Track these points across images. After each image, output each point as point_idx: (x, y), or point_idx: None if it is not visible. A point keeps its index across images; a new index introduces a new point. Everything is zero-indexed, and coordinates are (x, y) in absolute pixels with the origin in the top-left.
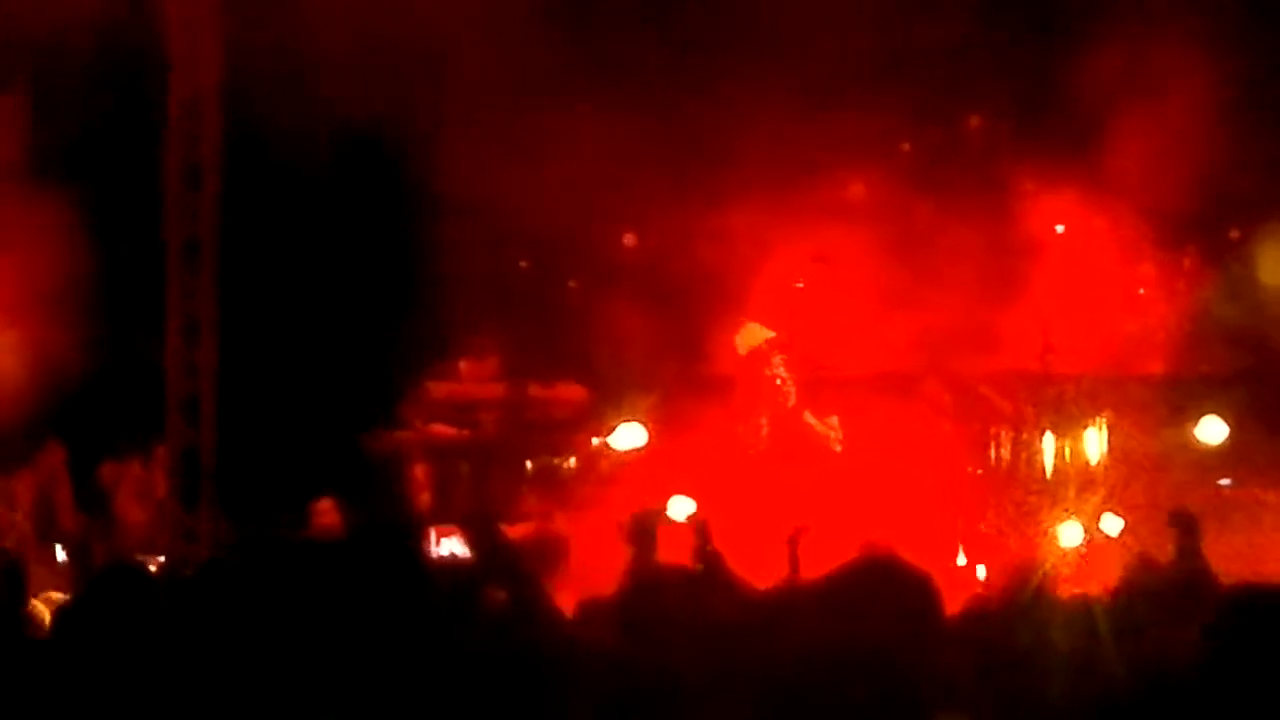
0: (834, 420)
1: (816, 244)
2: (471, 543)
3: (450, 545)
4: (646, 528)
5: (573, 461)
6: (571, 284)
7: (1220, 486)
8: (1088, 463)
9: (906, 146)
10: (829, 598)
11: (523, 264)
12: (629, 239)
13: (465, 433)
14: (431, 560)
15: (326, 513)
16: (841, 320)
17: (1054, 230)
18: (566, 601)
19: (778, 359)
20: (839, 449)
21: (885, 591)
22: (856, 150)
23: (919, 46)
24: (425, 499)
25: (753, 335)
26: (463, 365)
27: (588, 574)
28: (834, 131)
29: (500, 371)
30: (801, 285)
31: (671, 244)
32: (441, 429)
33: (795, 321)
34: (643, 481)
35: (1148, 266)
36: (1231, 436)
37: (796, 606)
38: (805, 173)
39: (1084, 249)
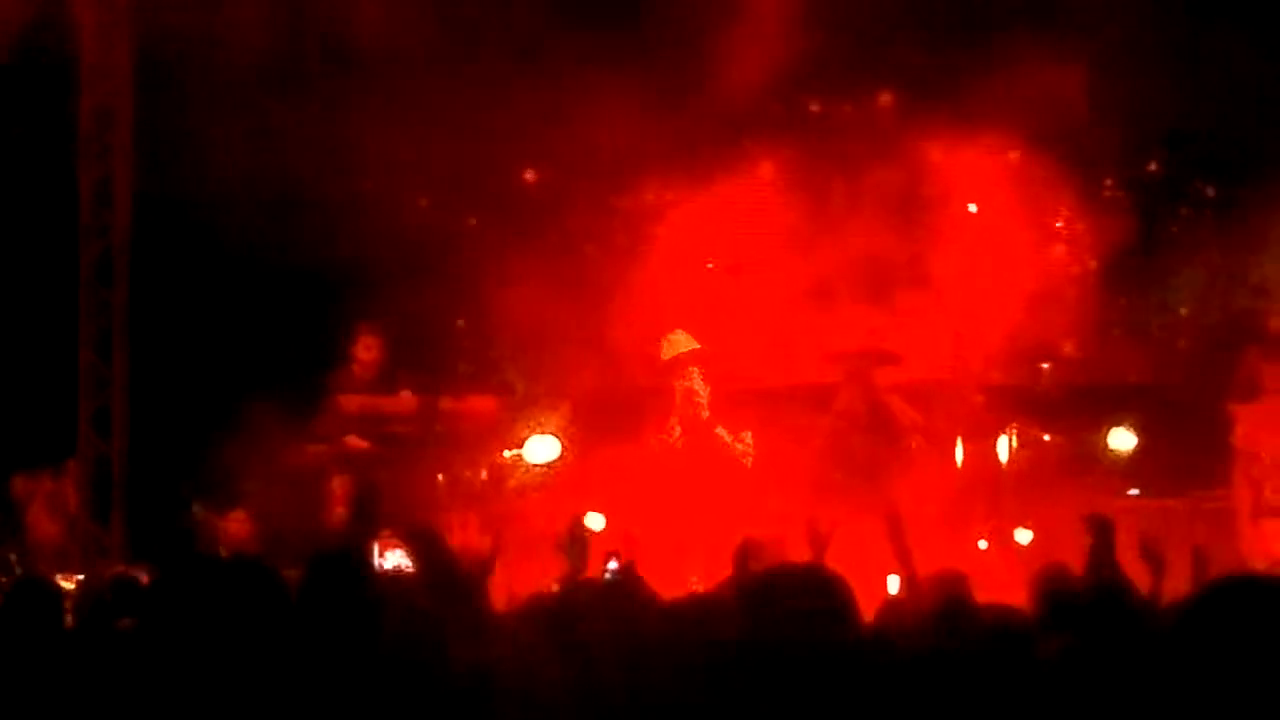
0: (747, 436)
1: (726, 246)
2: (415, 555)
3: (394, 558)
4: (579, 538)
5: (485, 474)
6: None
7: (1129, 496)
8: (999, 472)
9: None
10: (743, 605)
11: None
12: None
13: (378, 446)
14: (378, 574)
15: (239, 524)
16: (756, 330)
17: (965, 240)
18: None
19: (694, 370)
20: (749, 464)
21: (799, 598)
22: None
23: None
24: (341, 513)
25: (677, 344)
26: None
27: (508, 586)
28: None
29: (411, 384)
30: (711, 265)
31: (580, 245)
32: (355, 442)
33: (710, 330)
34: (556, 493)
35: (1056, 275)
36: (1139, 446)
37: (710, 615)
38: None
39: (994, 258)
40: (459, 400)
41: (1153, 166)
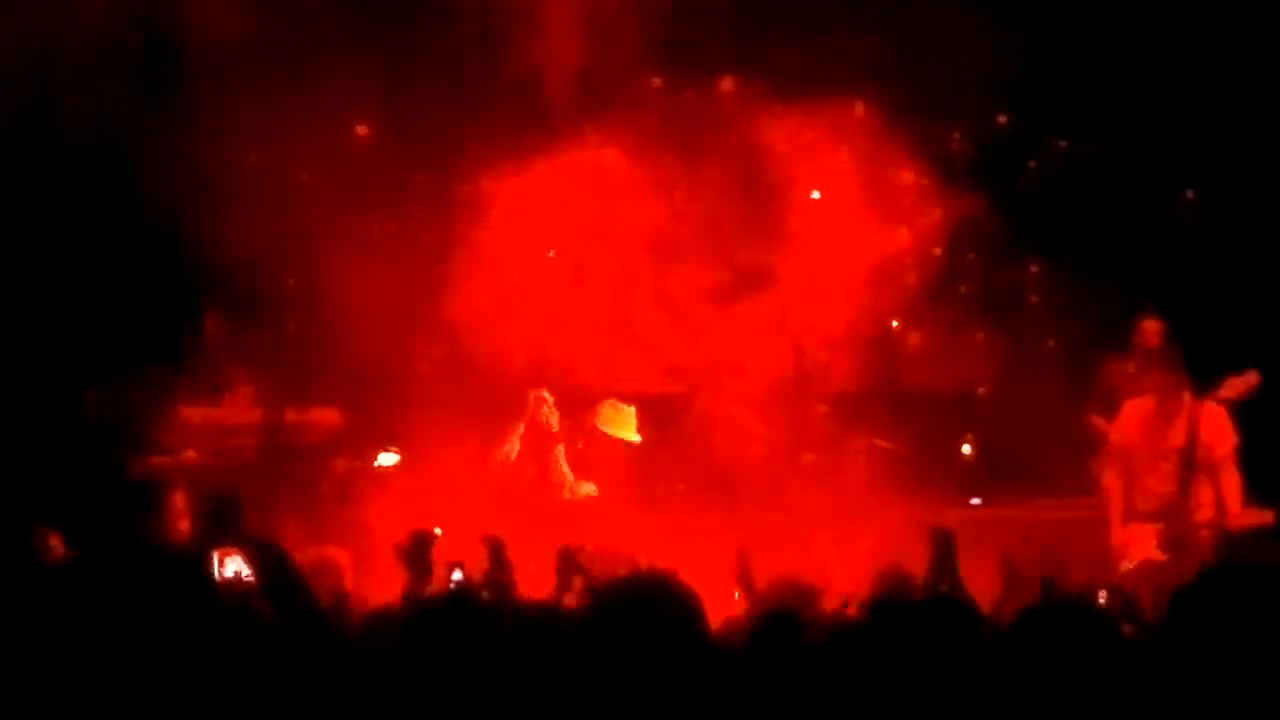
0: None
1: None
2: (256, 564)
3: (233, 565)
4: (421, 550)
5: (329, 486)
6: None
7: (972, 506)
8: (843, 482)
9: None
10: (594, 618)
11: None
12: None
13: (222, 458)
14: (217, 582)
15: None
16: (600, 335)
17: (809, 236)
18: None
19: (546, 396)
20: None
21: (650, 611)
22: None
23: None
24: (184, 526)
25: (613, 423)
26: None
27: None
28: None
29: (255, 396)
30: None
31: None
32: (198, 454)
33: (557, 343)
34: (399, 505)
35: (901, 265)
36: (985, 455)
37: (562, 627)
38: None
39: (838, 254)
40: (303, 412)
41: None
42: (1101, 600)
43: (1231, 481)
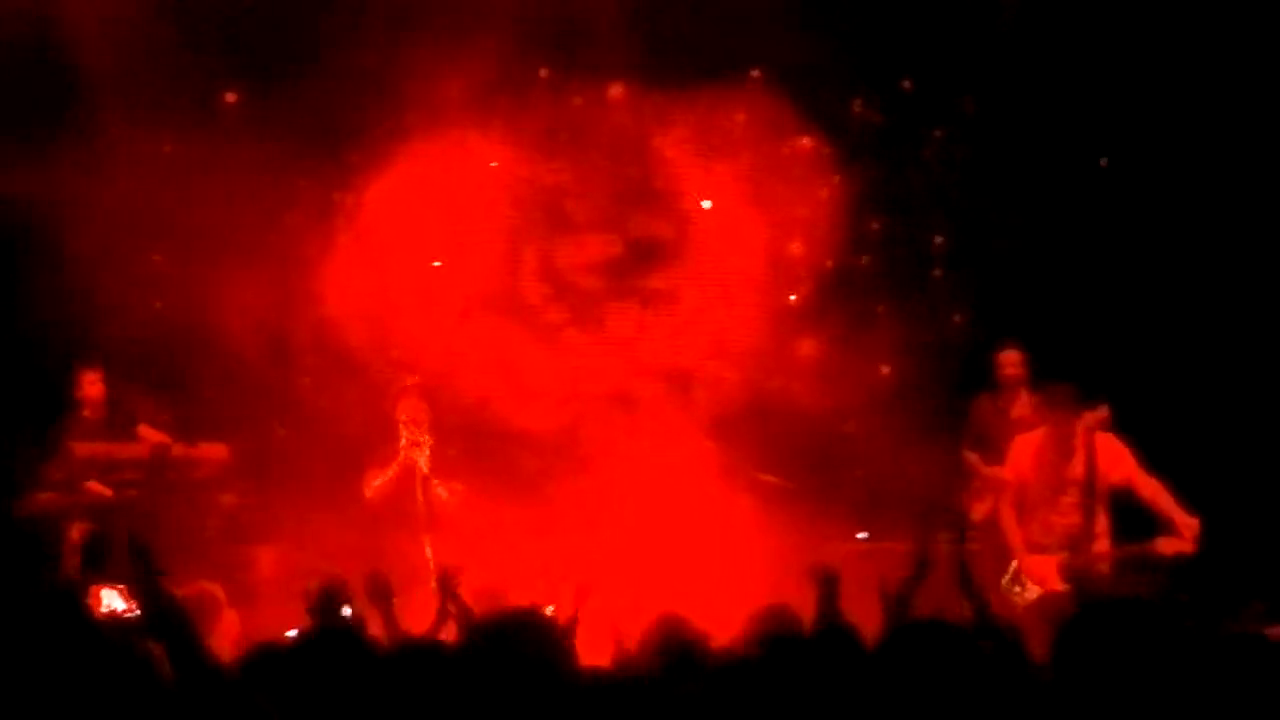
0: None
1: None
2: (136, 598)
3: (110, 600)
4: (332, 598)
5: (216, 521)
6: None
7: (858, 540)
8: (730, 517)
9: None
10: (468, 651)
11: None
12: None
13: (111, 493)
14: (96, 617)
15: None
16: (484, 364)
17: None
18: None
19: (418, 423)
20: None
21: (518, 646)
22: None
23: None
24: (78, 562)
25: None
26: (86, 413)
27: (239, 634)
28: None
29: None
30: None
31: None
32: (94, 487)
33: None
34: (289, 541)
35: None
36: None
37: (436, 662)
38: None
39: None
40: (192, 447)
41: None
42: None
43: (1159, 494)
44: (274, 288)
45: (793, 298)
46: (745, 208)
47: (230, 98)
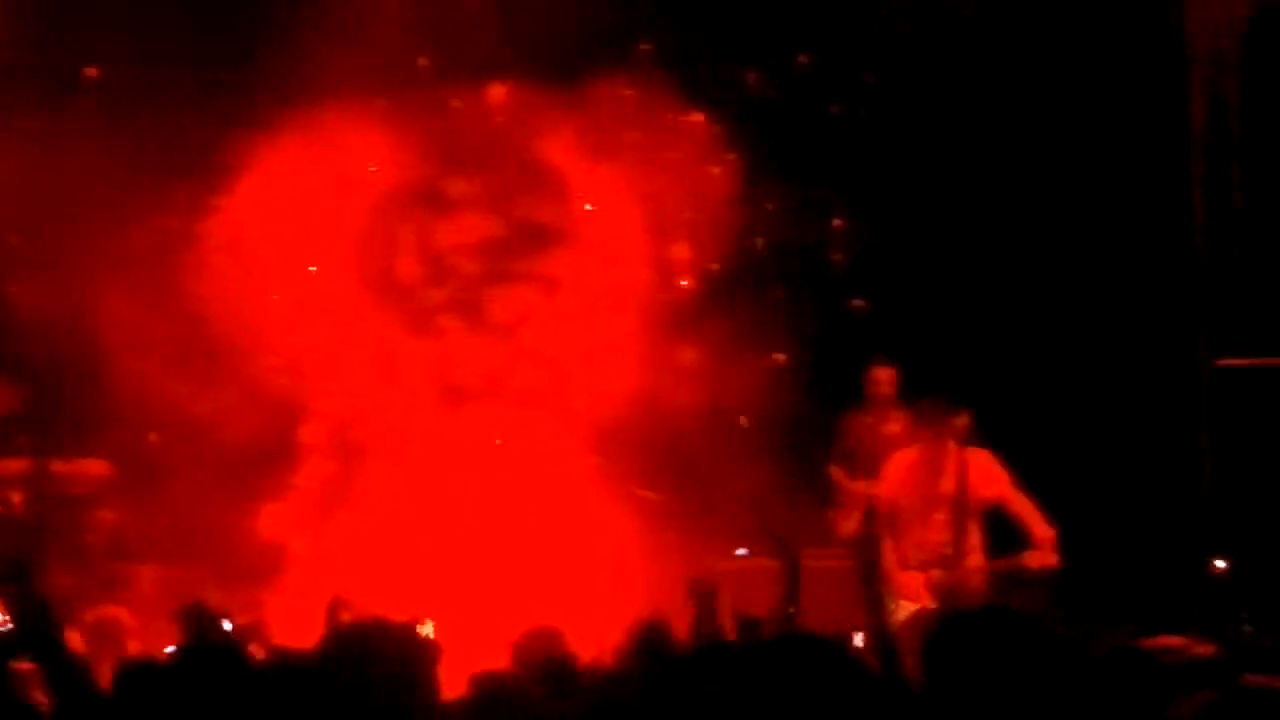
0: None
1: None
2: (12, 612)
3: None
4: (197, 615)
5: (96, 538)
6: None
7: (736, 556)
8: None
9: None
10: (320, 660)
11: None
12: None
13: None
14: None
15: None
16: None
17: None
18: None
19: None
20: None
21: (371, 652)
22: None
23: None
24: None
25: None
26: None
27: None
28: None
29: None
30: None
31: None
32: None
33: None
34: (167, 559)
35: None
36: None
37: (295, 677)
38: None
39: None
40: (70, 463)
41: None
42: (857, 642)
43: (1025, 508)
44: (143, 285)
45: (684, 283)
46: (635, 187)
47: (91, 72)
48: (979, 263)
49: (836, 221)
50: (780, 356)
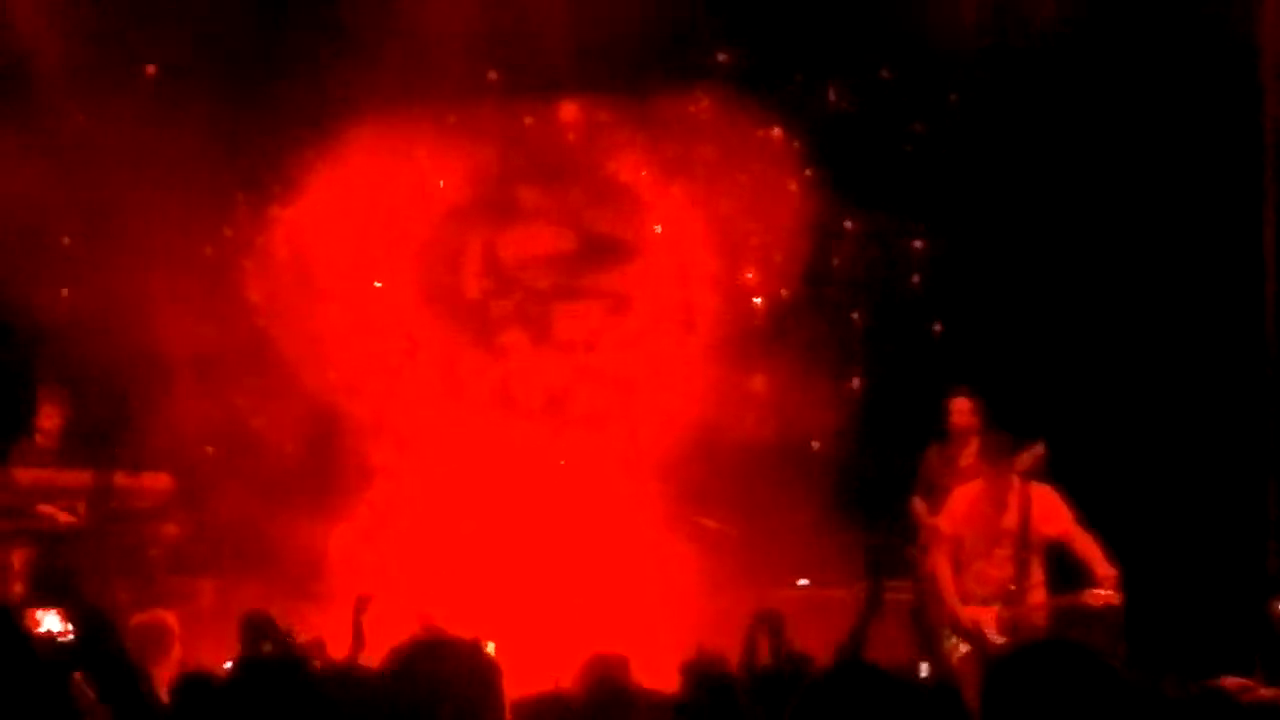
0: None
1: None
2: (74, 623)
3: (49, 622)
4: (259, 625)
5: (158, 551)
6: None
7: (799, 586)
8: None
9: None
10: (388, 677)
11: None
12: None
13: (55, 520)
14: (33, 639)
15: None
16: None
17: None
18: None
19: None
20: None
21: (440, 670)
22: None
23: None
24: (19, 588)
25: None
26: (40, 439)
27: (190, 665)
28: None
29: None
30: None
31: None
32: (33, 516)
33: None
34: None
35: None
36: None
37: (359, 689)
38: None
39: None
40: (133, 477)
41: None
42: (923, 673)
43: (1088, 546)
44: (204, 295)
45: (757, 301)
46: (708, 205)
47: (150, 70)
48: (1054, 285)
49: (917, 243)
50: (856, 382)
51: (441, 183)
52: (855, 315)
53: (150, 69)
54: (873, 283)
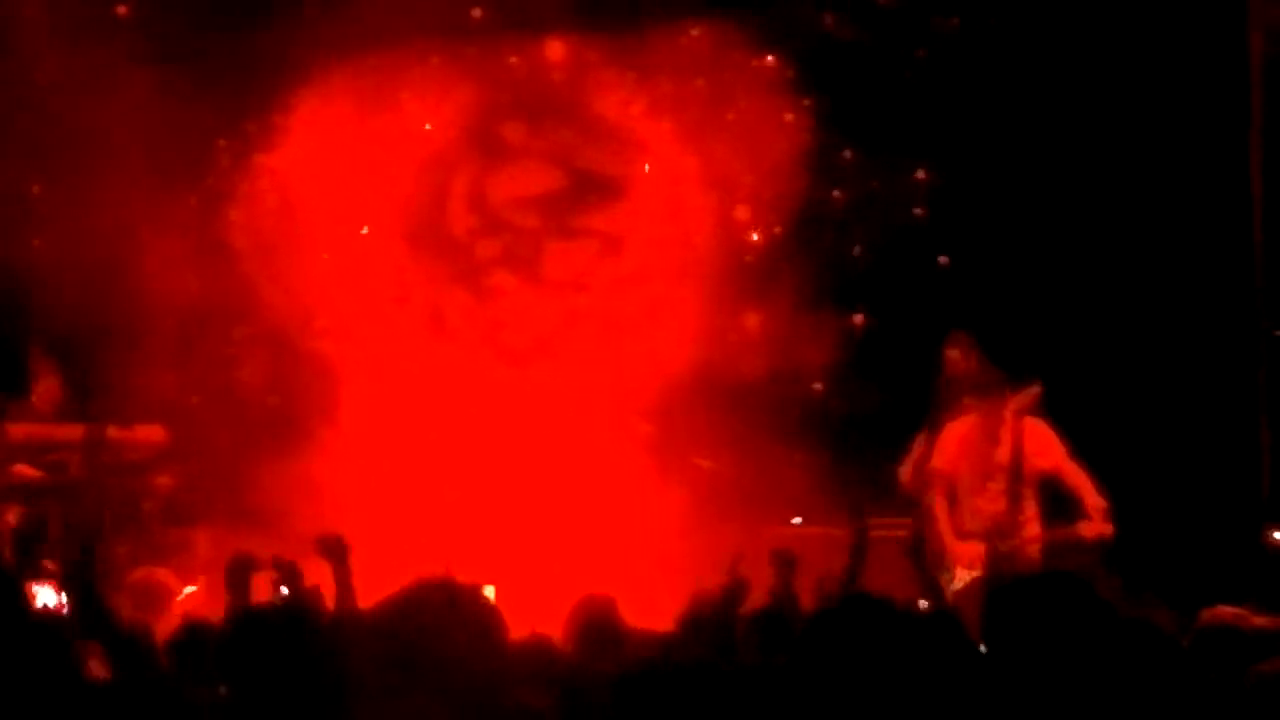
0: None
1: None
2: (70, 594)
3: (44, 596)
4: (241, 571)
5: (153, 504)
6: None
7: (793, 525)
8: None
9: None
10: (390, 621)
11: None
12: None
13: (48, 475)
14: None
15: None
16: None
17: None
18: None
19: None
20: None
21: (444, 613)
22: None
23: None
24: (12, 548)
25: None
26: (36, 402)
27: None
28: None
29: (77, 410)
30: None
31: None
32: (25, 471)
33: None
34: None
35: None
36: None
37: (363, 631)
38: None
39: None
40: (127, 429)
41: None
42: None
43: (1080, 480)
44: (186, 243)
45: (755, 237)
46: (702, 137)
47: (122, 11)
48: (1045, 221)
49: (919, 174)
50: (858, 319)
51: (428, 126)
52: (856, 250)
53: (122, 10)
54: (873, 216)
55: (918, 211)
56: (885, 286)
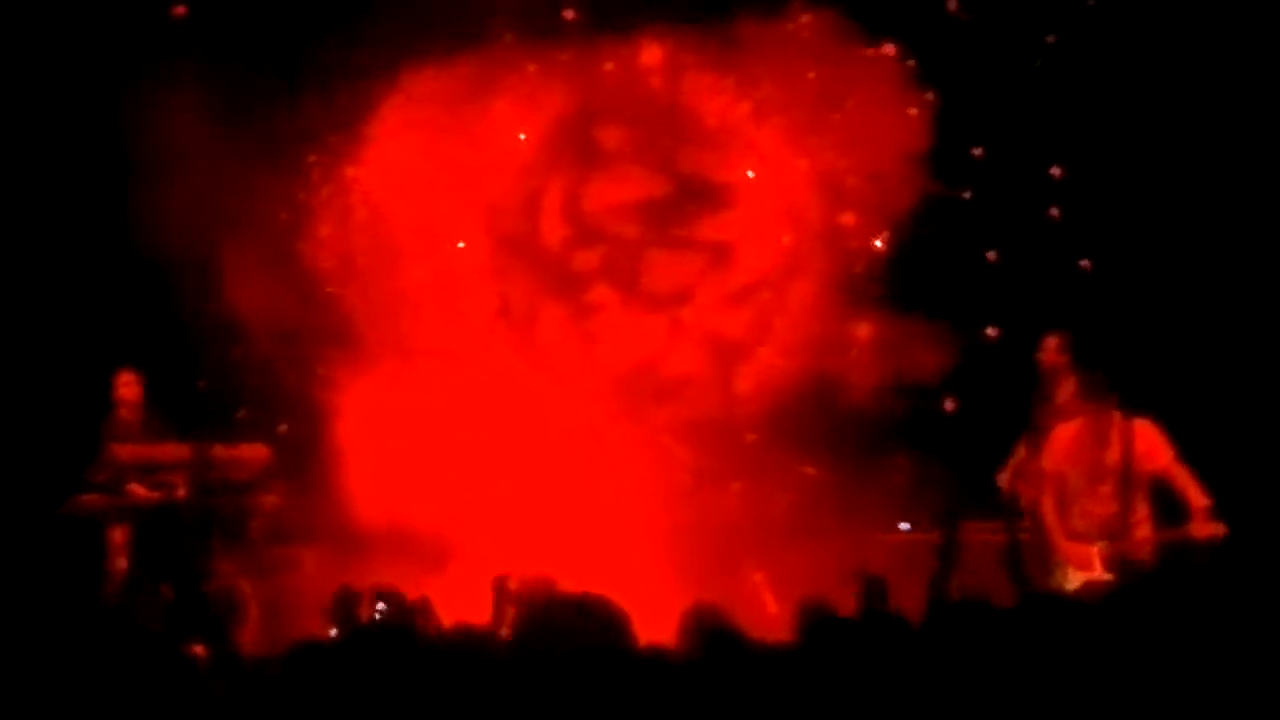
0: None
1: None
2: (179, 597)
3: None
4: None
5: (259, 523)
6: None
7: (900, 531)
8: (769, 510)
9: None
10: (527, 638)
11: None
12: None
13: (155, 494)
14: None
15: None
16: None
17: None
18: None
19: None
20: None
21: (577, 626)
22: None
23: None
24: (123, 563)
25: None
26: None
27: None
28: None
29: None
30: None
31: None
32: (137, 491)
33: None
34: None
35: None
36: (912, 479)
37: (499, 652)
38: None
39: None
40: (232, 448)
41: None
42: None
43: (1186, 482)
44: (280, 264)
45: (878, 243)
46: (813, 135)
47: (179, 11)
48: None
49: (1054, 170)
50: (991, 331)
51: (523, 136)
52: (987, 254)
53: (180, 10)
54: (1005, 217)
55: (1053, 211)
56: (1014, 293)
